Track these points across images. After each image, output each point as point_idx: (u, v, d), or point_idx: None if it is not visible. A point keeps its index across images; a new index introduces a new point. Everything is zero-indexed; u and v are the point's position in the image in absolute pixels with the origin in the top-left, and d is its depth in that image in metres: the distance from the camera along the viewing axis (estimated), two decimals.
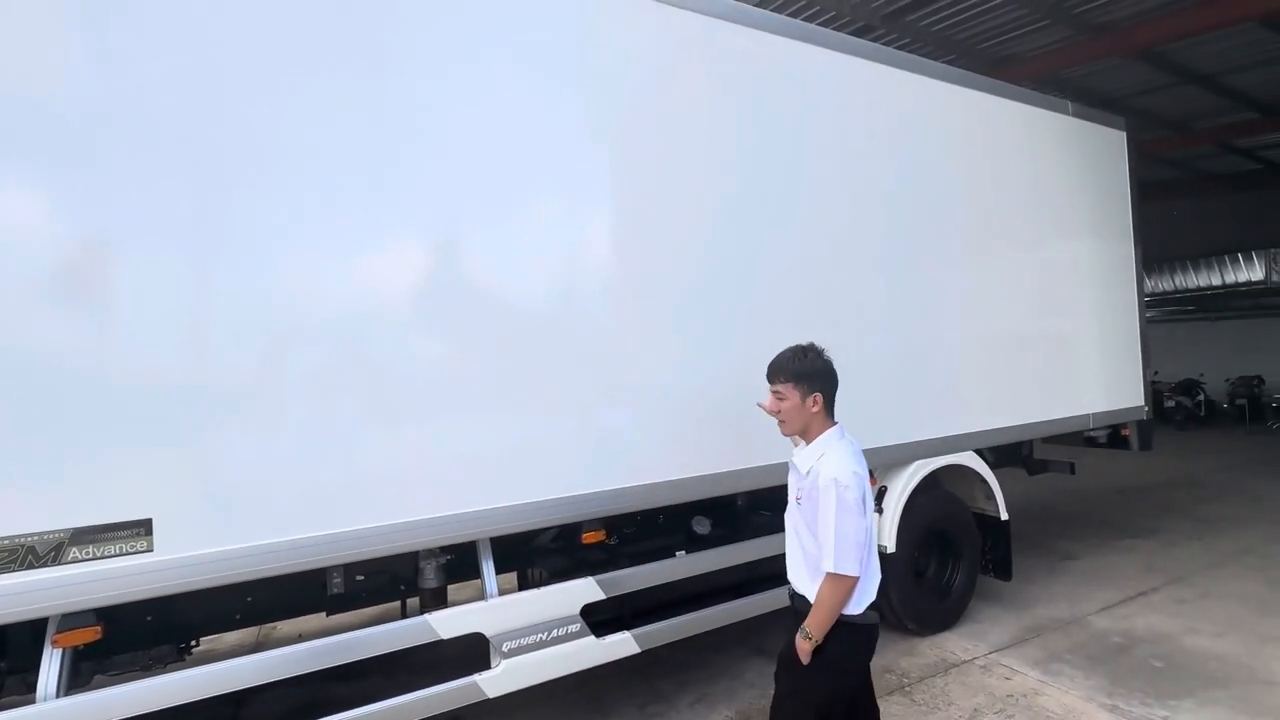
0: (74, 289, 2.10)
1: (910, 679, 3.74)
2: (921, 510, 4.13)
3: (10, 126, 2.00)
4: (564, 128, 2.93)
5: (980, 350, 4.42)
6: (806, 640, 2.10)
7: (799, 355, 2.24)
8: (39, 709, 2.07)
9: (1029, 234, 4.80)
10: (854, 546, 2.05)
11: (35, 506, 1.99)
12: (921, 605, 4.22)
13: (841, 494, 2.05)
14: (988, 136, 4.58)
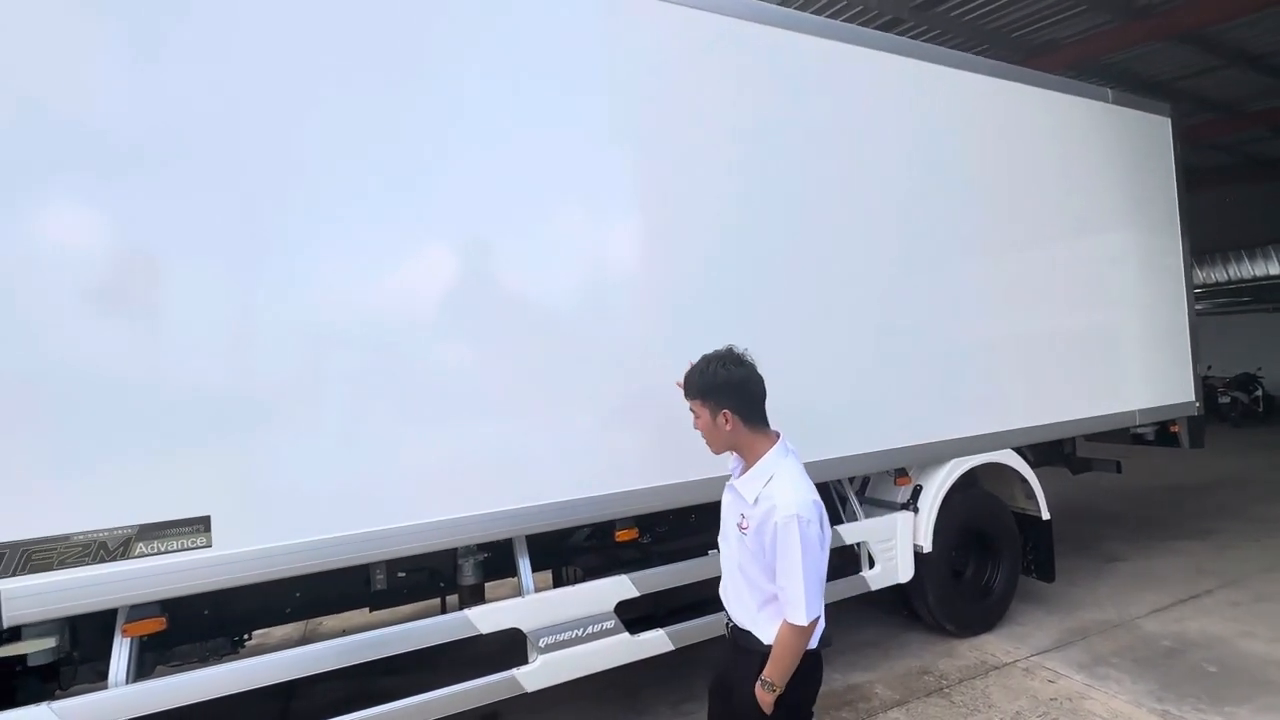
0: (135, 303, 2.23)
1: (949, 681, 3.68)
2: (959, 509, 4.06)
3: (69, 147, 2.14)
4: (587, 132, 2.98)
5: (1019, 345, 4.33)
6: (770, 692, 1.87)
7: (702, 368, 2.01)
8: (113, 694, 2.20)
9: (1068, 226, 4.67)
10: (820, 587, 1.85)
11: (105, 505, 2.12)
12: (960, 606, 4.15)
13: (805, 531, 1.80)
14: (1022, 128, 4.47)
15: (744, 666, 1.95)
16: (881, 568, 3.79)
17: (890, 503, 4.03)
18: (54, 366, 2.10)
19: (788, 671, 1.87)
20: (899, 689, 3.62)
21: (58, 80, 2.14)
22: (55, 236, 2.15)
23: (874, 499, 4.12)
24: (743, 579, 1.97)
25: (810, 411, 3.45)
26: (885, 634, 4.28)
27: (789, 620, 1.84)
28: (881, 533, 3.82)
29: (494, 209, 2.77)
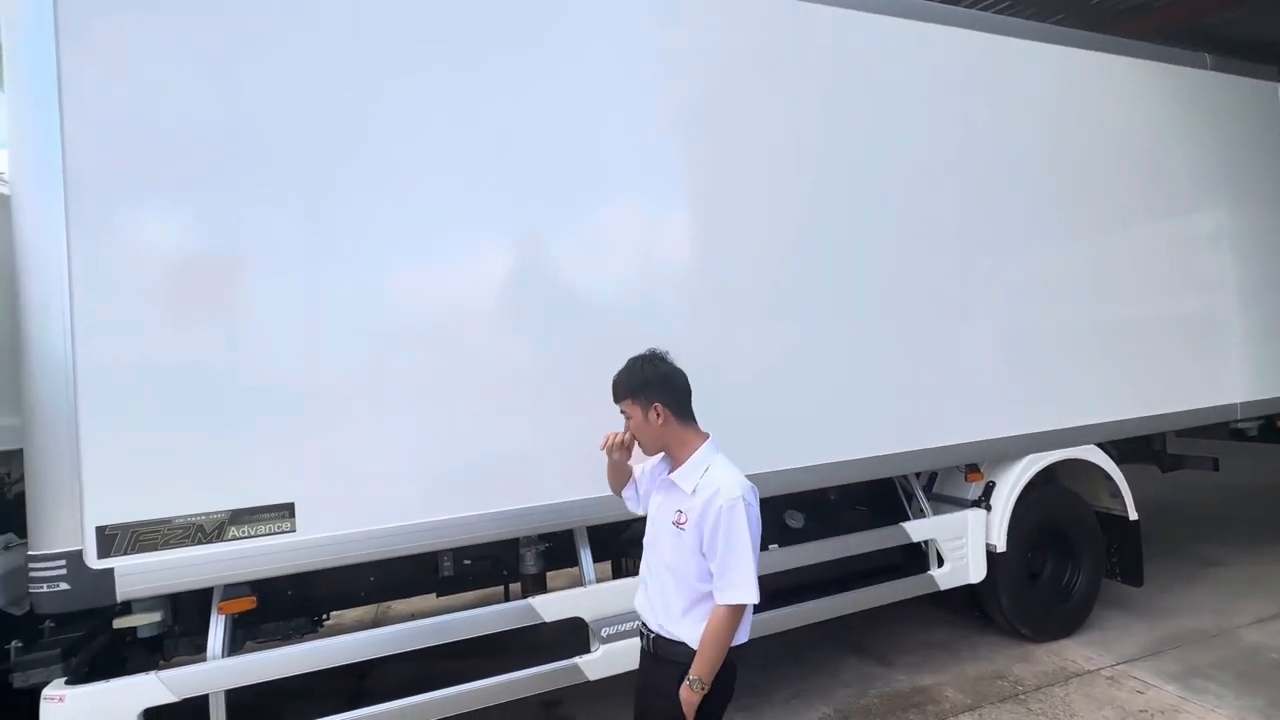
0: (223, 304, 2.38)
1: (1025, 687, 3.51)
2: (1036, 507, 3.86)
3: (163, 158, 2.30)
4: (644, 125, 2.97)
5: (1103, 333, 4.05)
6: (698, 691, 1.80)
7: (630, 369, 2.01)
8: (212, 665, 2.38)
9: (1160, 203, 4.34)
10: (755, 570, 1.81)
11: (202, 491, 2.28)
12: (1036, 609, 3.94)
13: (750, 514, 1.82)
14: (1108, 99, 4.18)
15: (661, 678, 1.89)
16: (951, 567, 3.64)
17: (960, 499, 3.86)
18: (154, 365, 2.27)
19: (715, 665, 1.82)
20: (970, 693, 3.48)
21: (158, 97, 2.30)
22: (151, 241, 2.32)
23: (943, 495, 3.96)
24: (672, 581, 1.91)
25: (872, 404, 3.36)
26: (954, 636, 4.12)
27: (732, 602, 1.80)
28: (951, 530, 3.67)
29: (551, 204, 2.80)
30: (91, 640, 2.39)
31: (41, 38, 2.17)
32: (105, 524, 2.17)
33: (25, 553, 2.22)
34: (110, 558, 2.17)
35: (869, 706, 3.42)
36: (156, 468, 2.24)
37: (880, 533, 3.53)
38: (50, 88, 2.18)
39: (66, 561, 2.14)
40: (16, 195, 2.22)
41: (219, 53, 2.37)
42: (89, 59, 2.22)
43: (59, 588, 2.14)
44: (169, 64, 2.31)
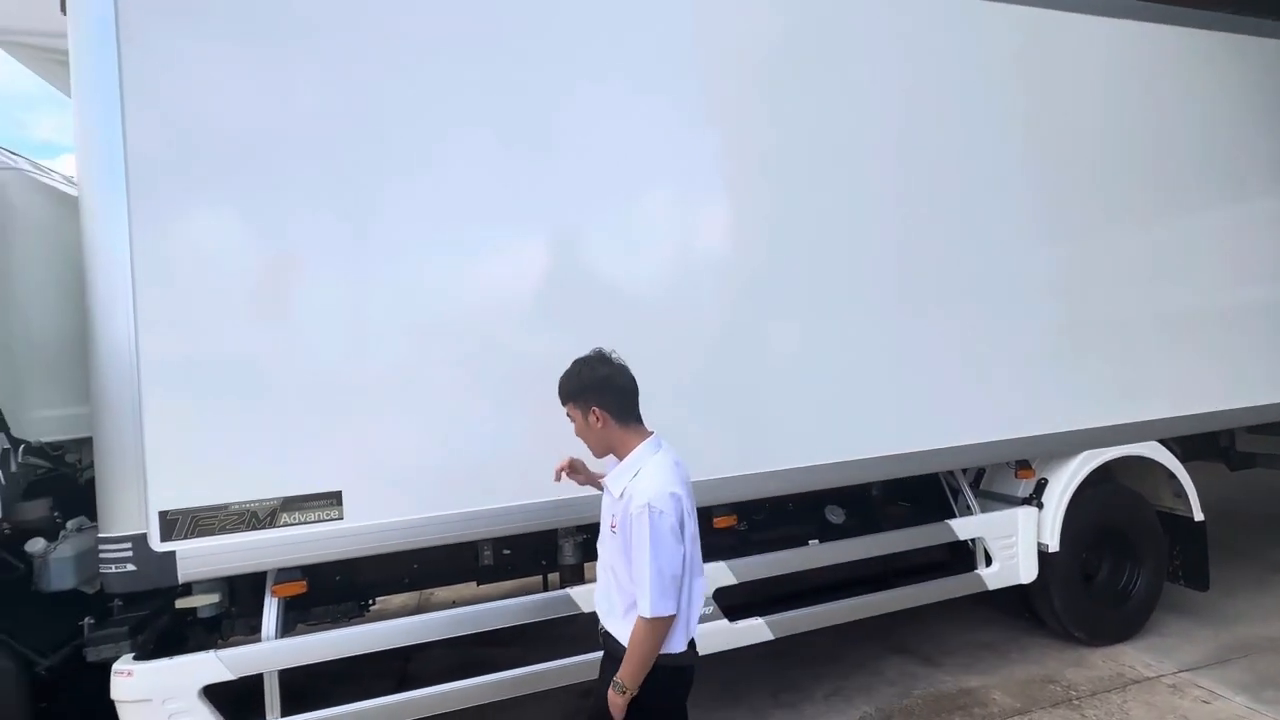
0: (274, 300, 2.46)
1: (1079, 692, 3.37)
2: (1091, 506, 3.70)
3: (218, 157, 2.38)
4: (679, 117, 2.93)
5: (1165, 323, 3.84)
6: (620, 694, 1.79)
7: (570, 373, 1.98)
8: (268, 646, 2.48)
9: (1232, 185, 4.08)
10: (670, 584, 1.77)
11: (256, 479, 2.37)
12: (1091, 612, 3.79)
13: (656, 521, 1.76)
14: (1172, 76, 3.93)
15: (608, 672, 1.89)
16: (1000, 566, 3.52)
17: (1010, 496, 3.72)
18: (210, 358, 2.36)
19: (638, 673, 1.79)
20: (1019, 696, 3.36)
21: (212, 100, 2.39)
22: (207, 239, 2.41)
23: (991, 492, 3.83)
24: (613, 580, 1.91)
25: (915, 397, 3.26)
26: (1002, 637, 3.99)
27: (639, 613, 1.78)
28: (1000, 529, 3.54)
29: (586, 205, 2.80)
30: (156, 619, 2.52)
31: (104, 47, 2.27)
32: (167, 509, 2.28)
33: (95, 535, 2.36)
34: (172, 541, 2.28)
35: (912, 707, 3.34)
36: (213, 456, 2.34)
37: (925, 530, 3.43)
38: (113, 93, 2.28)
39: (132, 544, 2.26)
40: (83, 196, 2.34)
41: (268, 56, 2.44)
42: (148, 65, 2.31)
43: (126, 569, 2.25)
44: (221, 68, 2.39)
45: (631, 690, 1.80)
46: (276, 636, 2.50)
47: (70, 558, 2.48)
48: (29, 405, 2.55)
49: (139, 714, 2.31)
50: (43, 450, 2.56)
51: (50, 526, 2.57)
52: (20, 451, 2.46)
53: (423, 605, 4.59)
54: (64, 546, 2.50)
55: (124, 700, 2.30)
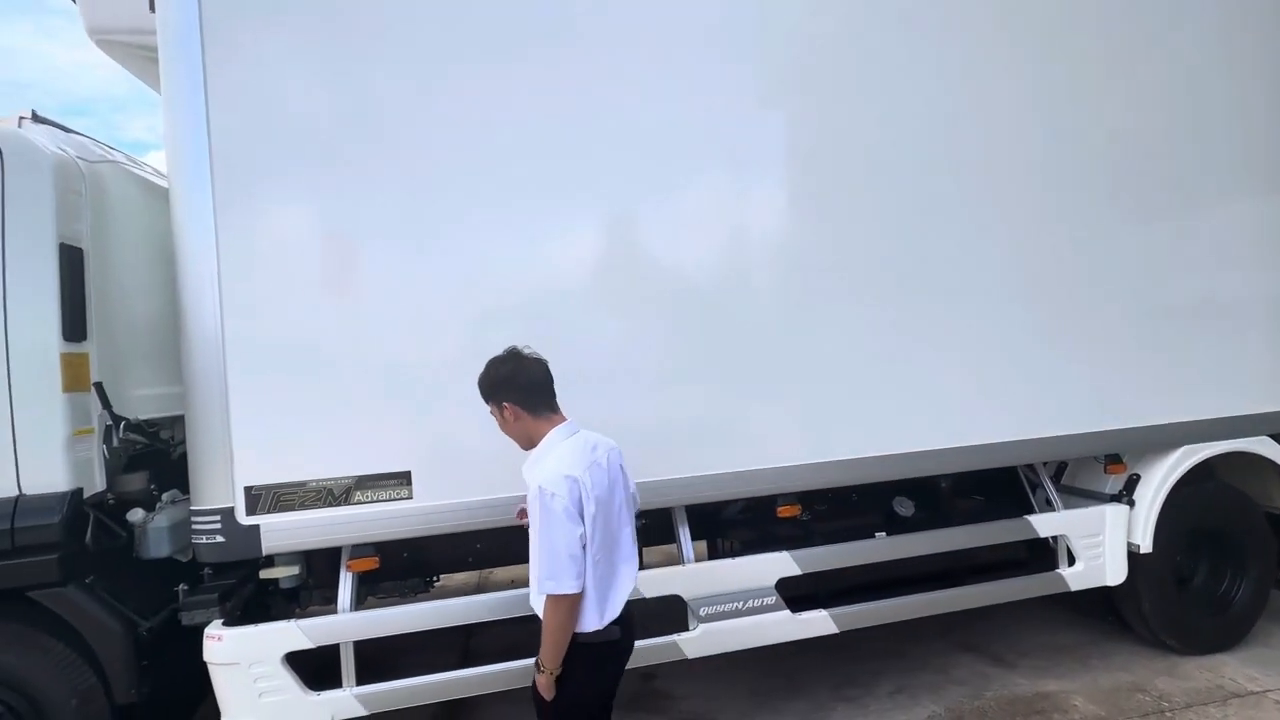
0: (344, 287, 2.52)
1: (1172, 704, 3.14)
2: (1190, 505, 3.43)
3: (293, 150, 2.46)
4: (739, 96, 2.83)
5: (1276, 306, 3.49)
6: (542, 673, 1.86)
7: (482, 373, 2.04)
8: (344, 618, 2.58)
9: None
10: (566, 560, 1.80)
11: (331, 458, 2.46)
12: (1186, 618, 3.52)
13: (547, 503, 1.82)
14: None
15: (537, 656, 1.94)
16: (1085, 566, 3.30)
17: (1097, 493, 3.49)
18: (289, 341, 2.45)
19: (551, 651, 1.84)
20: (1104, 704, 3.16)
21: (288, 94, 2.47)
22: (284, 227, 2.50)
23: (1075, 488, 3.60)
24: (533, 565, 1.94)
25: (993, 386, 3.08)
26: (1081, 640, 3.77)
27: (541, 590, 1.84)
28: (1086, 526, 3.32)
29: (643, 182, 2.75)
30: (242, 588, 2.67)
31: (189, 46, 2.37)
32: (252, 484, 2.39)
33: (188, 507, 2.50)
34: (256, 515, 2.40)
35: (984, 709, 3.19)
36: (292, 435, 2.44)
37: (1003, 525, 3.26)
38: (198, 90, 2.38)
39: (221, 517, 2.38)
40: (172, 188, 2.46)
41: (339, 54, 2.49)
42: (230, 63, 2.40)
43: (215, 540, 2.39)
44: (296, 63, 2.47)
45: (551, 668, 1.86)
46: (351, 609, 2.60)
47: (166, 528, 2.65)
48: (128, 384, 2.72)
49: (228, 676, 2.45)
50: (140, 427, 2.73)
51: (148, 498, 2.74)
52: (121, 428, 2.63)
53: (482, 584, 4.72)
54: (160, 517, 2.67)
55: (215, 663, 2.45)
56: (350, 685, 2.56)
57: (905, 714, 3.19)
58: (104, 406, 2.57)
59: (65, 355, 2.45)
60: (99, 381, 2.57)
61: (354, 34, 2.49)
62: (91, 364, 2.56)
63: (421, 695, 2.65)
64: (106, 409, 2.58)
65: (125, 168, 2.99)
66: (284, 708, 2.47)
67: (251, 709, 2.45)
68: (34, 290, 2.40)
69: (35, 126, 2.72)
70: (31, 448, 2.39)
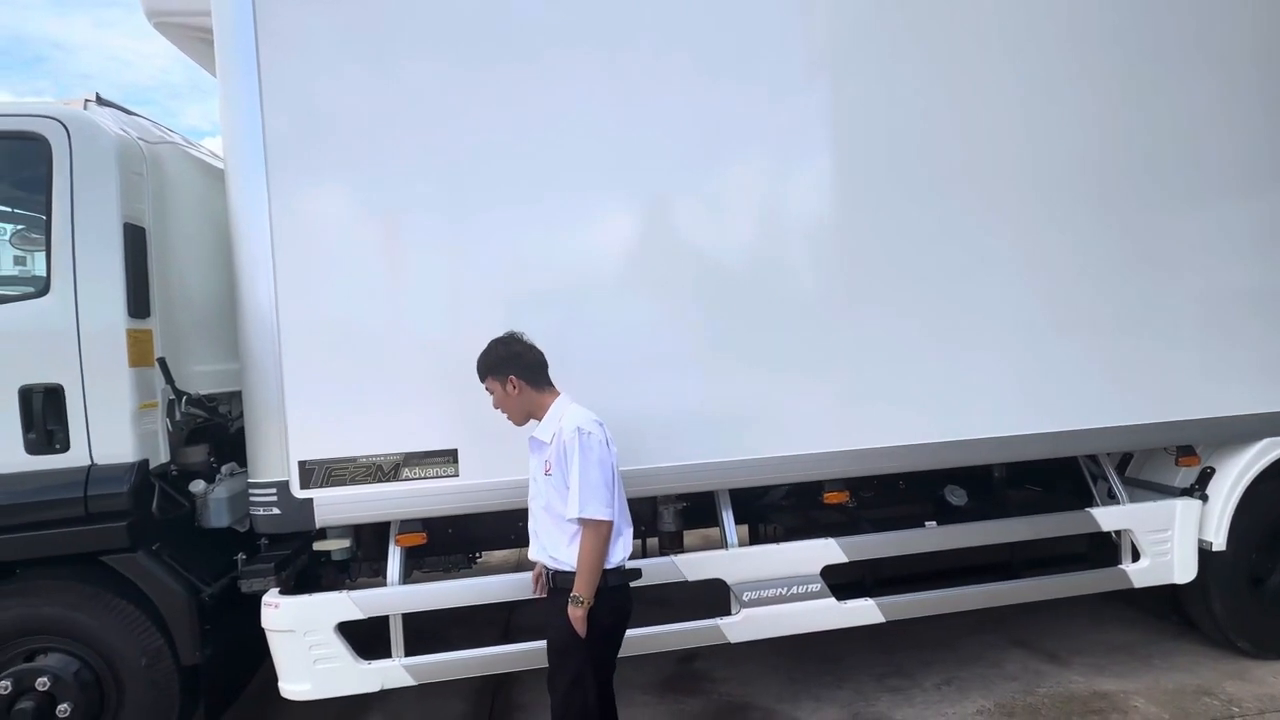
0: (399, 270, 2.55)
1: (1243, 710, 2.97)
2: (1268, 502, 3.23)
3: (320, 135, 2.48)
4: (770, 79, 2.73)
5: None
6: (579, 606, 2.02)
7: (484, 352, 2.23)
8: (393, 590, 2.64)
9: None
10: (604, 489, 2.04)
11: (381, 435, 2.51)
12: (1259, 620, 3.33)
13: (584, 441, 2.06)
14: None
15: (557, 605, 2.09)
16: (1151, 562, 3.14)
17: (1167, 486, 3.31)
18: (340, 321, 2.49)
19: (589, 578, 2.02)
20: (1168, 707, 3.02)
21: (337, 83, 2.48)
22: (334, 212, 2.53)
23: (1142, 480, 3.42)
24: (550, 519, 2.15)
25: (1047, 373, 2.94)
26: (1141, 639, 3.60)
27: (582, 515, 2.01)
28: (1153, 521, 3.15)
29: (680, 167, 2.70)
30: (296, 559, 2.75)
31: (244, 35, 2.41)
32: (305, 459, 2.46)
33: (246, 480, 2.59)
34: (310, 489, 2.46)
35: (1037, 705, 3.09)
36: (343, 412, 2.49)
37: (1063, 518, 3.12)
38: (252, 75, 2.42)
39: (277, 490, 2.46)
40: (228, 169, 2.52)
41: (384, 42, 2.50)
42: (283, 49, 2.43)
43: (272, 511, 2.47)
44: (344, 53, 2.49)
45: (588, 600, 2.03)
46: (399, 582, 2.66)
47: (225, 499, 2.74)
48: (188, 360, 2.81)
49: (285, 642, 2.55)
50: (201, 401, 2.83)
51: (208, 470, 2.85)
52: (183, 402, 2.72)
53: (522, 563, 4.78)
54: (219, 489, 2.77)
55: (273, 629, 2.54)
56: (399, 656, 2.63)
57: (953, 707, 3.10)
58: (167, 381, 2.66)
59: (131, 331, 2.53)
60: (162, 357, 2.66)
61: (398, 29, 2.50)
62: (155, 340, 2.65)
63: (468, 668, 2.71)
64: (169, 384, 2.67)
65: (183, 149, 3.07)
66: (337, 674, 2.56)
67: (307, 674, 2.54)
68: (101, 268, 2.48)
69: (100, 109, 2.81)
70: (101, 420, 2.48)
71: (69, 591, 2.50)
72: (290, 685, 2.56)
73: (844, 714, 3.09)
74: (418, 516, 2.64)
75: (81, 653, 2.49)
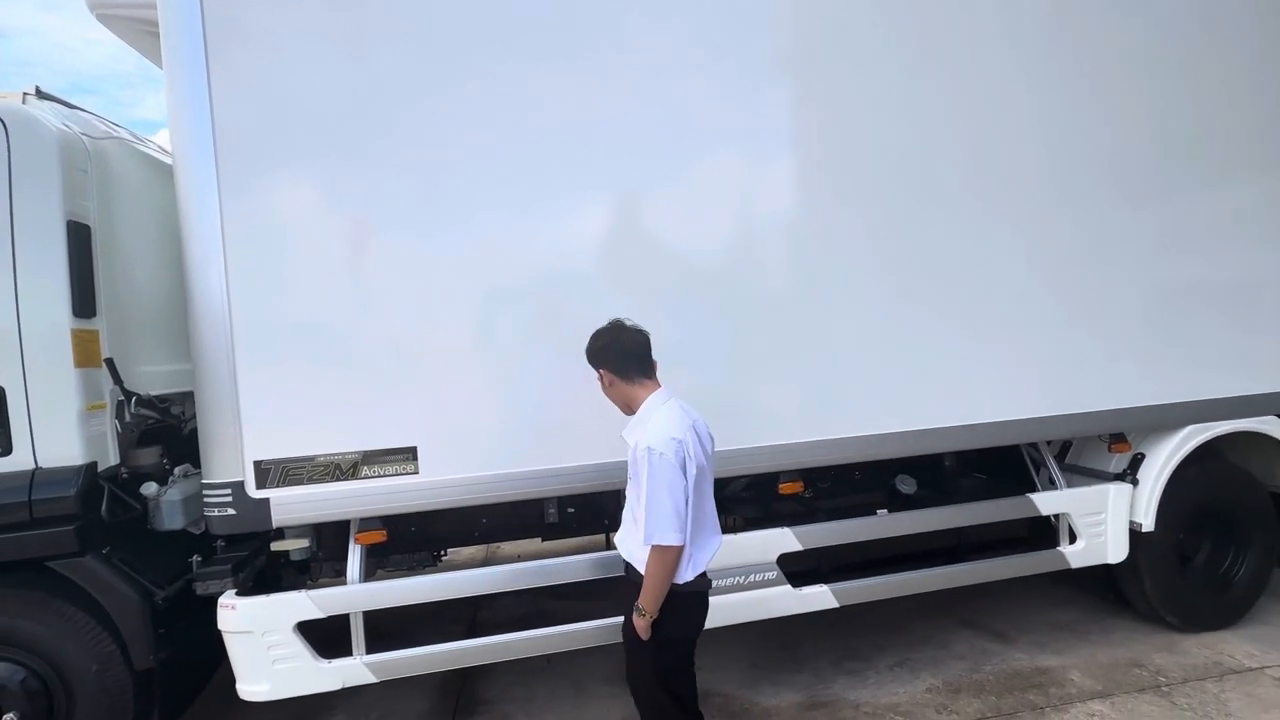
0: (359, 266, 2.53)
1: (1169, 679, 3.17)
2: (1193, 485, 3.44)
3: (295, 134, 2.45)
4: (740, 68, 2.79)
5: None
6: (640, 616, 2.05)
7: (588, 344, 2.23)
8: (352, 589, 2.64)
9: None
10: (673, 515, 1.98)
11: (339, 433, 2.50)
12: (1187, 596, 3.54)
13: (655, 462, 1.99)
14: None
15: (630, 597, 2.13)
16: (1086, 544, 3.32)
17: (1100, 471, 3.50)
18: (296, 319, 2.47)
19: (654, 596, 2.03)
20: (1101, 679, 3.20)
21: (293, 73, 2.45)
22: (289, 206, 2.50)
23: (1079, 466, 3.60)
24: (632, 519, 2.16)
25: (994, 364, 3.08)
26: (1082, 617, 3.80)
27: (649, 541, 2.01)
28: (1088, 505, 3.34)
29: (643, 162, 2.73)
30: (254, 559, 2.73)
31: (191, 24, 2.35)
32: (261, 459, 2.44)
33: (199, 482, 2.55)
34: (266, 489, 2.44)
35: (983, 682, 3.24)
36: (300, 411, 2.47)
37: (1005, 503, 3.27)
38: (199, 65, 2.36)
39: (232, 490, 2.43)
40: (176, 164, 2.46)
41: (345, 32, 2.47)
42: (232, 37, 2.38)
43: (227, 513, 2.44)
44: (302, 43, 2.44)
45: (651, 613, 2.04)
46: (360, 581, 2.66)
47: (179, 501, 2.70)
48: (139, 360, 2.75)
49: (242, 643, 2.53)
50: (152, 402, 2.78)
51: (161, 472, 2.80)
52: (133, 403, 2.67)
53: (489, 559, 4.80)
54: (173, 491, 2.73)
55: (230, 631, 2.52)
56: (360, 653, 2.64)
57: (905, 687, 3.24)
58: (115, 382, 2.61)
59: (76, 331, 2.48)
60: (110, 357, 2.61)
61: (362, 17, 2.46)
62: (102, 340, 2.59)
63: (429, 664, 2.72)
64: (118, 384, 2.62)
65: (130, 144, 3.00)
66: (296, 674, 2.55)
67: (266, 675, 2.53)
68: (43, 267, 2.42)
69: (39, 103, 2.73)
70: (46, 423, 2.43)
71: (13, 599, 2.44)
72: (248, 686, 2.54)
73: (802, 697, 3.20)
74: (377, 515, 2.63)
75: (28, 660, 2.43)
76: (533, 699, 3.32)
